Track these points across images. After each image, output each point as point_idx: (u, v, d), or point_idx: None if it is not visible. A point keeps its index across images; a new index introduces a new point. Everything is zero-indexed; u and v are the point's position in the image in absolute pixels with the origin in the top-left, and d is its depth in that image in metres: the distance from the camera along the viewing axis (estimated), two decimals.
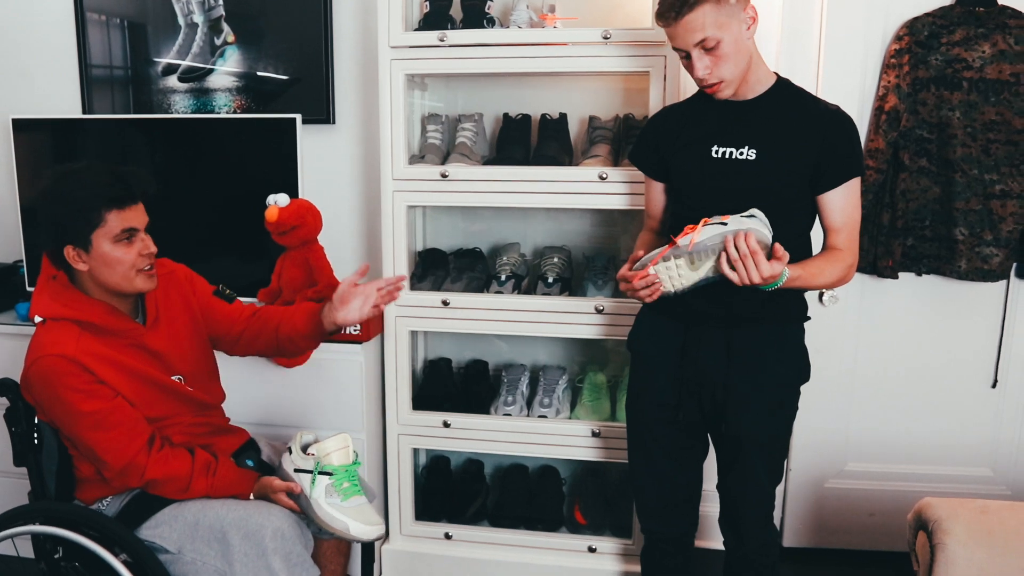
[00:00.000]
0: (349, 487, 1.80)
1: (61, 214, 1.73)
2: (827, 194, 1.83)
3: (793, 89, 1.88)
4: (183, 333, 1.95)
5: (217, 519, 1.75)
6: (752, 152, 1.82)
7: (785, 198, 1.83)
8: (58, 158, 2.72)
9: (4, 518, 1.83)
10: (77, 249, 1.74)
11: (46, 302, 1.79)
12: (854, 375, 2.61)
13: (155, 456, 1.76)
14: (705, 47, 1.73)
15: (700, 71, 1.77)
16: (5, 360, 2.54)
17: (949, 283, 2.50)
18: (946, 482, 2.60)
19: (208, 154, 2.60)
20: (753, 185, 1.82)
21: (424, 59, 2.31)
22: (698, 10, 1.70)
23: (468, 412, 2.50)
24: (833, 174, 1.82)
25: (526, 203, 2.35)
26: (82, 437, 1.74)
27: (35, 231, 2.70)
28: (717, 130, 1.86)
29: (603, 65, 2.26)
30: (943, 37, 2.37)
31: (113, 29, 2.84)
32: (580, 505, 2.57)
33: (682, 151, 1.91)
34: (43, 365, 1.72)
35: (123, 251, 1.75)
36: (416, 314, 2.42)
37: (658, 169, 1.99)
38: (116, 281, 1.77)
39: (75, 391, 1.71)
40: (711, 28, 1.71)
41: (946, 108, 2.38)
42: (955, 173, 2.38)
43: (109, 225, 1.73)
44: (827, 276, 1.83)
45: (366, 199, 2.77)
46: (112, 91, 2.87)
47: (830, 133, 1.81)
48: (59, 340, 1.73)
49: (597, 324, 2.33)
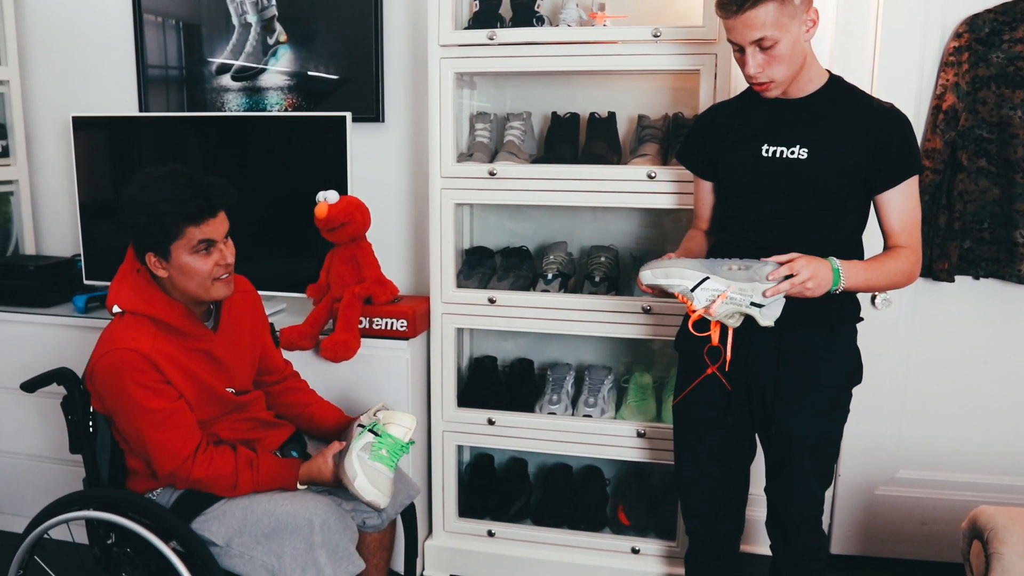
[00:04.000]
0: (385, 455, 1.82)
1: (142, 224, 1.76)
2: (884, 194, 1.79)
3: (845, 87, 1.84)
4: (244, 349, 1.99)
5: (265, 514, 1.77)
6: (804, 151, 1.78)
7: (837, 198, 1.80)
8: (115, 154, 2.79)
9: (60, 503, 1.89)
10: (157, 257, 1.78)
11: (127, 294, 1.82)
12: (907, 380, 2.55)
13: (200, 458, 1.78)
14: (762, 45, 1.70)
15: (752, 68, 1.74)
16: (64, 351, 2.61)
17: (1008, 287, 2.43)
18: (1002, 492, 2.52)
19: (259, 151, 2.64)
20: (804, 185, 1.79)
21: (474, 58, 2.32)
22: (762, 7, 1.66)
23: (513, 410, 2.50)
24: (889, 173, 1.78)
25: (574, 202, 2.34)
26: (141, 433, 1.77)
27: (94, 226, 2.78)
28: (767, 129, 1.83)
29: (653, 63, 2.24)
30: (1005, 34, 2.30)
31: (169, 30, 2.90)
32: (624, 506, 2.55)
33: (731, 150, 1.88)
34: (116, 357, 1.74)
35: (201, 261, 1.79)
36: (463, 311, 2.42)
37: (706, 168, 1.97)
38: (193, 289, 1.81)
39: (143, 387, 1.74)
40: (771, 27, 1.68)
41: (1007, 107, 2.31)
42: (1016, 174, 2.32)
43: (187, 238, 1.76)
44: (891, 273, 1.79)
45: (414, 196, 2.79)
46: (167, 90, 2.93)
47: (884, 131, 1.77)
48: (136, 335, 1.77)
49: (644, 324, 2.31)
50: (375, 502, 1.80)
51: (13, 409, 2.70)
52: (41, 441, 2.71)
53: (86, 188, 2.78)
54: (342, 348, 2.31)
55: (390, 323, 2.39)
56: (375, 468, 1.81)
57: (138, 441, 1.79)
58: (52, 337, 2.64)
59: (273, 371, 2.12)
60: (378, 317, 2.40)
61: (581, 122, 2.52)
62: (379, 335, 2.40)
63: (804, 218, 1.80)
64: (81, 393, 1.90)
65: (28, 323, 2.67)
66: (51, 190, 3.12)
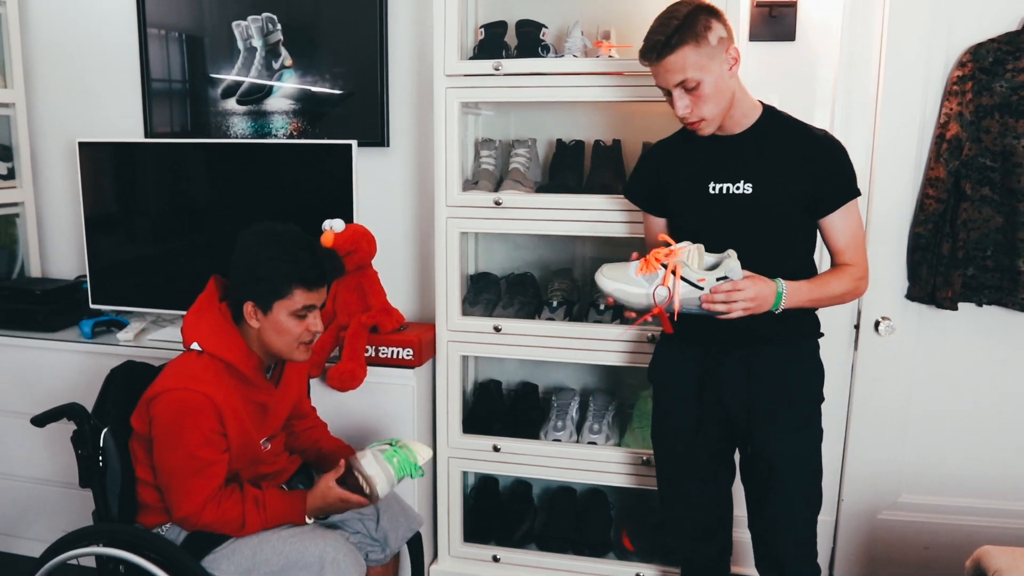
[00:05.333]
0: (396, 463, 1.83)
1: (255, 275, 1.81)
2: (828, 218, 1.87)
3: (780, 118, 1.91)
4: (289, 401, 2.04)
5: (275, 552, 1.79)
6: (748, 186, 1.85)
7: (784, 227, 1.87)
8: (120, 177, 2.80)
9: (70, 538, 1.89)
10: (256, 308, 1.82)
11: (207, 333, 1.84)
12: (910, 406, 2.56)
13: (210, 505, 1.80)
14: (686, 87, 1.77)
15: (681, 110, 1.80)
16: (71, 377, 2.62)
17: (1011, 315, 2.44)
18: (1005, 517, 2.54)
19: (264, 177, 2.65)
20: (752, 218, 1.85)
21: (479, 87, 2.33)
22: (679, 52, 1.73)
23: (517, 435, 2.51)
24: (831, 199, 1.85)
25: (579, 231, 2.35)
26: (175, 472, 1.78)
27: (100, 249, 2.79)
28: (712, 166, 1.89)
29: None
30: (1008, 64, 2.31)
31: (174, 53, 2.90)
32: (628, 531, 2.56)
33: (679, 188, 1.94)
34: (187, 397, 1.76)
35: (296, 324, 1.83)
36: (468, 339, 2.43)
37: (655, 204, 2.02)
38: (279, 347, 1.85)
39: (200, 433, 1.76)
40: (692, 70, 1.74)
41: (1011, 136, 2.32)
42: (1019, 203, 2.33)
43: (293, 300, 1.81)
44: (836, 288, 1.86)
45: (419, 221, 2.80)
46: (172, 112, 2.94)
47: (822, 160, 1.84)
48: (213, 380, 1.79)
49: (648, 353, 2.32)
50: (374, 478, 1.80)
51: (21, 435, 2.71)
52: (50, 467, 2.72)
53: (92, 210, 2.79)
54: (348, 378, 2.32)
55: (396, 352, 2.41)
56: (384, 464, 1.83)
57: (168, 477, 1.80)
58: (59, 362, 2.65)
59: (301, 416, 2.16)
60: (384, 346, 2.41)
61: (586, 149, 2.53)
62: (385, 363, 2.42)
63: (756, 248, 1.83)
64: (91, 427, 1.91)
65: (35, 348, 2.68)
66: (56, 212, 3.13)
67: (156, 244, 2.82)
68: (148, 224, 2.83)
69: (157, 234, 2.82)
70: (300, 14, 2.76)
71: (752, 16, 2.46)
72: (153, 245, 2.82)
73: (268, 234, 1.84)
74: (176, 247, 2.78)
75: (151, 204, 2.83)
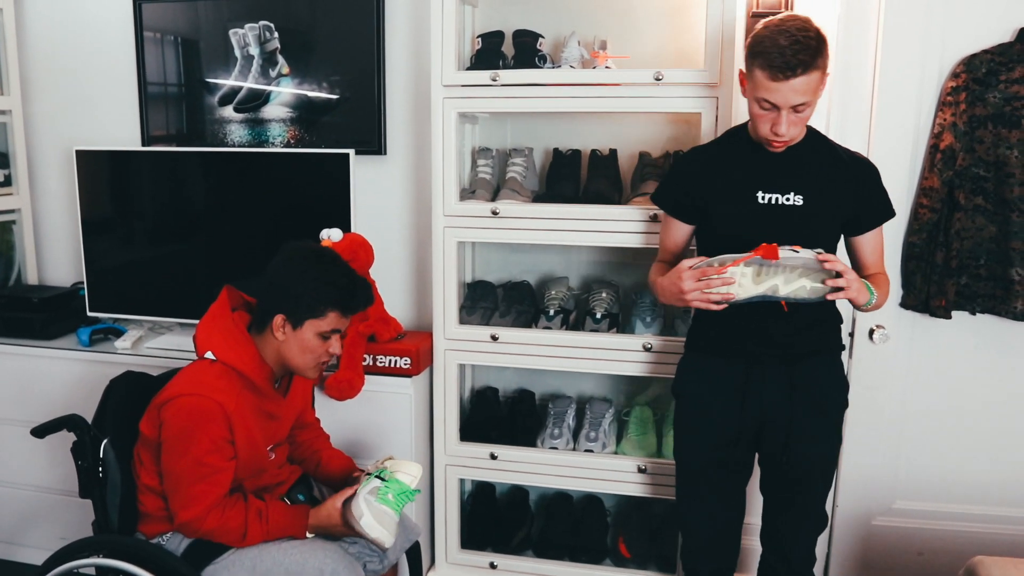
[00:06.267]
0: (391, 500, 1.86)
1: (297, 289, 1.85)
2: (862, 235, 1.98)
3: (820, 136, 1.96)
4: (294, 410, 2.07)
5: (275, 564, 1.80)
6: (799, 198, 1.87)
7: (825, 240, 1.91)
8: (117, 185, 2.81)
9: (70, 549, 1.90)
10: (287, 322, 1.86)
11: (219, 342, 1.88)
12: (904, 413, 2.58)
13: (214, 511, 1.81)
14: (797, 109, 1.76)
15: (784, 129, 1.79)
16: (66, 386, 2.62)
17: (1003, 323, 2.46)
18: (998, 523, 2.56)
19: (262, 186, 2.65)
20: (800, 230, 1.86)
21: (476, 98, 2.34)
22: (812, 75, 1.73)
23: (514, 442, 2.53)
24: (871, 219, 1.96)
25: (576, 241, 2.36)
26: (181, 477, 1.80)
27: (97, 256, 2.78)
28: (760, 175, 1.90)
29: (655, 106, 2.26)
30: (1002, 75, 2.33)
31: (170, 61, 2.91)
32: (625, 538, 2.58)
33: (723, 197, 1.93)
34: (199, 403, 1.79)
35: (319, 344, 1.89)
36: (465, 348, 2.45)
37: (687, 211, 2.02)
38: (297, 363, 1.90)
39: (210, 439, 1.78)
40: (813, 94, 1.76)
41: (1004, 146, 2.34)
42: (1012, 212, 2.35)
43: (325, 321, 1.87)
44: (885, 293, 1.98)
45: (416, 231, 2.80)
46: (168, 119, 2.94)
47: (866, 181, 1.93)
48: (224, 387, 1.82)
49: (645, 363, 2.34)
50: (379, 539, 1.83)
51: (20, 443, 2.71)
52: (49, 475, 2.72)
53: (89, 218, 2.79)
54: (346, 387, 2.33)
55: (394, 361, 2.42)
56: (381, 509, 1.85)
57: (174, 482, 1.82)
58: (57, 371, 2.65)
59: (305, 425, 2.18)
60: (382, 355, 2.42)
61: (583, 158, 2.54)
62: (383, 372, 2.43)
63: None
64: (91, 439, 1.91)
65: (33, 356, 2.68)
66: (53, 219, 3.13)
67: (153, 252, 2.82)
68: (145, 232, 2.83)
69: (154, 242, 2.82)
70: (297, 22, 2.76)
71: (748, 26, 2.46)
72: (150, 253, 2.83)
73: (313, 254, 1.92)
74: (173, 255, 2.79)
75: (148, 212, 2.83)
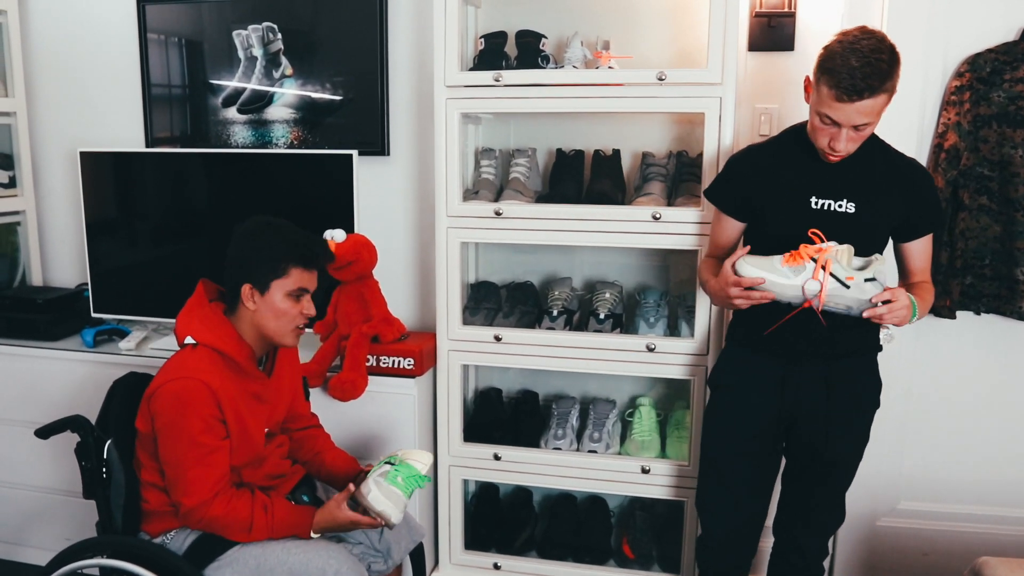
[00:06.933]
0: (400, 482, 1.86)
1: (254, 255, 1.88)
2: (912, 243, 1.97)
3: (878, 142, 1.94)
4: (284, 395, 2.06)
5: (278, 563, 1.80)
6: (851, 205, 1.88)
7: (876, 246, 1.92)
8: (122, 186, 2.82)
9: (73, 550, 1.90)
10: (254, 289, 1.88)
11: (197, 327, 1.90)
12: (909, 413, 2.57)
13: (220, 498, 1.81)
14: (858, 128, 1.77)
15: (842, 146, 1.80)
16: (71, 387, 2.63)
17: (1008, 323, 2.45)
18: (1003, 523, 2.55)
19: (266, 187, 2.66)
20: (851, 236, 1.86)
21: (480, 99, 2.34)
22: (879, 97, 1.73)
23: (518, 442, 2.53)
24: (922, 226, 1.96)
25: (579, 241, 2.36)
26: (181, 463, 1.80)
27: (102, 257, 2.79)
28: (813, 181, 1.91)
29: (658, 106, 2.26)
30: (1006, 74, 2.32)
31: (174, 61, 2.91)
32: (628, 539, 2.58)
33: (777, 198, 1.94)
34: (184, 385, 1.80)
35: (290, 305, 1.89)
36: (469, 348, 2.45)
37: (741, 210, 2.02)
38: (273, 329, 1.91)
39: (200, 419, 1.79)
40: (876, 115, 1.77)
41: (1008, 146, 2.33)
42: (1017, 212, 2.34)
43: (290, 279, 1.88)
44: (928, 303, 1.98)
45: (420, 231, 2.80)
46: (172, 120, 2.94)
47: (919, 187, 1.92)
48: (208, 368, 1.83)
49: (649, 363, 2.33)
50: (385, 512, 1.83)
51: (24, 444, 2.70)
52: (53, 475, 2.73)
53: (93, 219, 2.80)
54: (350, 387, 2.33)
55: (397, 361, 2.42)
56: (389, 489, 1.85)
57: (174, 469, 1.82)
58: (61, 371, 2.66)
59: (299, 418, 2.17)
60: (385, 355, 2.42)
61: (586, 158, 2.54)
62: (386, 373, 2.43)
63: None
64: (95, 439, 1.92)
65: (37, 357, 2.69)
66: (58, 220, 3.13)
67: (157, 253, 2.83)
68: (149, 233, 2.84)
69: (158, 243, 2.83)
70: (300, 23, 2.76)
71: (751, 26, 2.47)
72: (154, 254, 2.83)
73: (262, 222, 1.94)
74: (177, 256, 2.79)
75: (152, 213, 2.84)
